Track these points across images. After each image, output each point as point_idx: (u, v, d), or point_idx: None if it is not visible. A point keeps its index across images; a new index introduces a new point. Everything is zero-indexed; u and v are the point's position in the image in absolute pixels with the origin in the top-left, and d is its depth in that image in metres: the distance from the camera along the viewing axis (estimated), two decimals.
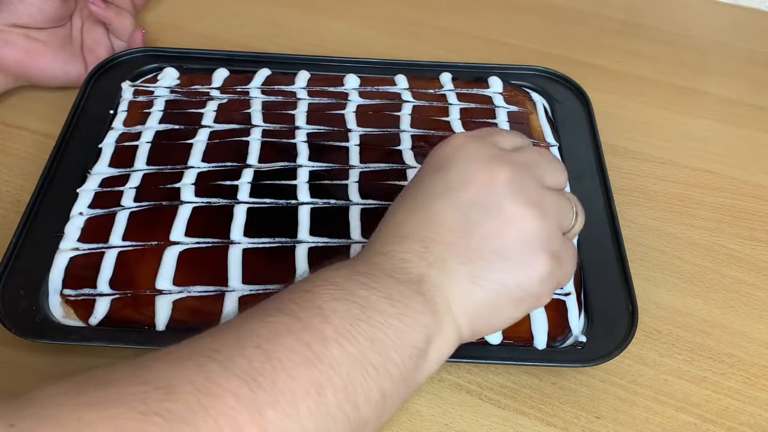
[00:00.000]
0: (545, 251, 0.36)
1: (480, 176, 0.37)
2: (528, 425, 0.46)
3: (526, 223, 0.36)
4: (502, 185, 0.36)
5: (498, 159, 0.37)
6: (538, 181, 0.38)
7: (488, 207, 0.36)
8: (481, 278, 0.35)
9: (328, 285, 0.34)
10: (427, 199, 0.37)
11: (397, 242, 0.36)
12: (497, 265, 0.35)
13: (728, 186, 0.62)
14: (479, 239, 0.36)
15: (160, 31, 0.74)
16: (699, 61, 0.76)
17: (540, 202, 0.37)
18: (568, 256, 0.38)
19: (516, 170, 0.37)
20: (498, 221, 0.36)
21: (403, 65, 0.66)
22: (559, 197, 0.39)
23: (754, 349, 0.51)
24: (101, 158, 0.55)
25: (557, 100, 0.64)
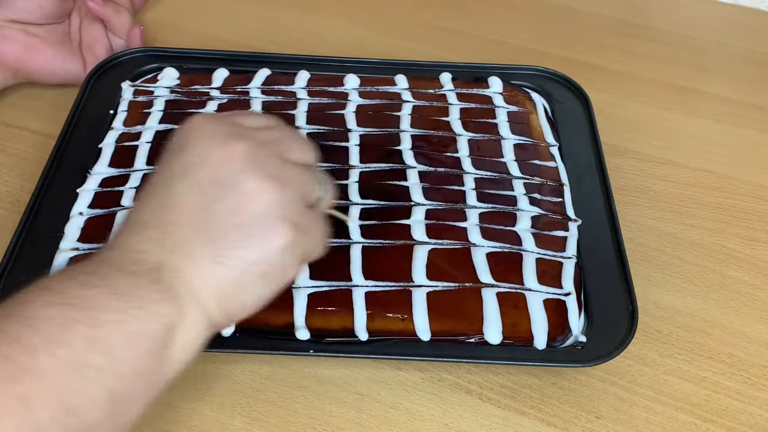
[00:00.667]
0: (285, 222, 0.36)
1: (217, 152, 0.36)
2: (528, 425, 0.46)
3: (264, 195, 0.35)
4: (240, 160, 0.36)
5: (236, 135, 0.37)
6: (279, 156, 0.37)
7: (227, 183, 0.35)
8: (224, 256, 0.35)
9: (45, 291, 0.32)
10: (165, 183, 0.36)
11: (135, 232, 0.35)
12: (239, 241, 0.35)
13: (728, 186, 0.62)
14: (219, 216, 0.35)
15: (160, 31, 0.74)
16: (699, 61, 0.76)
17: (278, 175, 0.36)
18: (313, 226, 0.38)
19: (255, 145, 0.37)
20: (236, 196, 0.35)
21: (403, 65, 0.66)
22: (301, 170, 0.38)
23: (754, 349, 0.51)
24: (101, 158, 0.55)
25: (557, 100, 0.64)
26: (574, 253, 0.51)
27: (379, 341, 0.46)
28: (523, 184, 0.55)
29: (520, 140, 0.59)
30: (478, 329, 0.46)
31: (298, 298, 0.47)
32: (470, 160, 0.57)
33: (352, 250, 0.49)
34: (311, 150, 0.40)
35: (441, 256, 0.50)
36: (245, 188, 0.35)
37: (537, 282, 0.49)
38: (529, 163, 0.57)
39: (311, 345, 0.46)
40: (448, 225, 0.52)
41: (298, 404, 0.46)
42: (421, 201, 0.53)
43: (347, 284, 0.48)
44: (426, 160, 0.56)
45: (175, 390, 0.46)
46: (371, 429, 0.45)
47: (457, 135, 0.59)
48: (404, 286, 0.48)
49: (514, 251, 0.51)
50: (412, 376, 0.48)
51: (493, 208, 0.53)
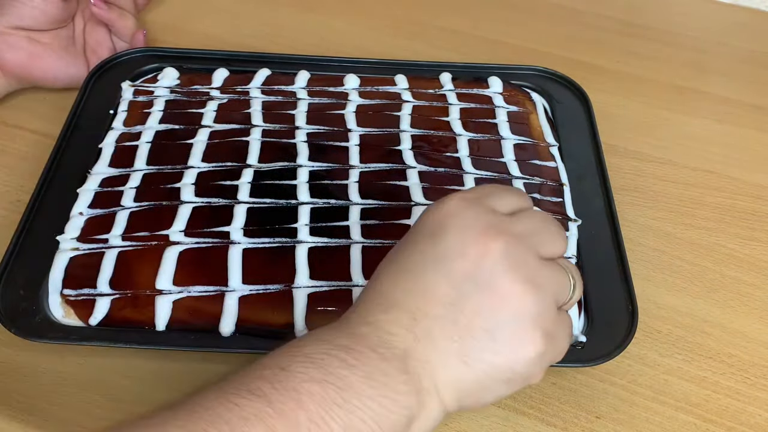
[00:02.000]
0: (538, 331, 0.34)
1: (474, 248, 0.35)
2: (528, 425, 0.46)
3: (519, 301, 0.34)
4: (497, 259, 0.34)
5: (494, 229, 0.35)
6: (535, 253, 0.36)
7: (481, 282, 0.34)
8: (470, 357, 0.34)
9: (306, 362, 0.33)
10: (417, 267, 0.36)
11: (384, 310, 0.35)
12: (487, 344, 0.34)
13: (728, 186, 0.62)
14: (470, 315, 0.34)
15: (160, 31, 0.74)
16: (699, 61, 0.76)
17: (536, 277, 0.35)
18: (562, 332, 0.36)
19: (512, 242, 0.35)
20: (490, 298, 0.34)
21: (403, 65, 0.66)
22: (556, 271, 0.37)
23: (754, 349, 0.51)
24: (101, 158, 0.55)
25: (557, 100, 0.64)
26: (574, 253, 0.51)
27: None
28: (523, 184, 0.55)
29: (520, 140, 0.59)
30: None
31: (298, 298, 0.47)
32: (470, 160, 0.57)
33: (352, 250, 0.49)
34: (563, 239, 0.38)
35: None
36: (501, 291, 0.34)
37: None
38: (529, 163, 0.57)
39: None
40: None
41: None
42: (422, 201, 0.53)
43: (347, 284, 0.48)
44: (426, 160, 0.56)
45: (176, 390, 0.46)
46: None
47: (457, 135, 0.59)
48: None
49: None
50: None
51: None
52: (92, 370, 0.47)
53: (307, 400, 0.31)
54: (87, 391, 0.45)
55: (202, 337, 0.46)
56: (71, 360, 0.47)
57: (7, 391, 0.45)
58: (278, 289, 0.47)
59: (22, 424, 0.44)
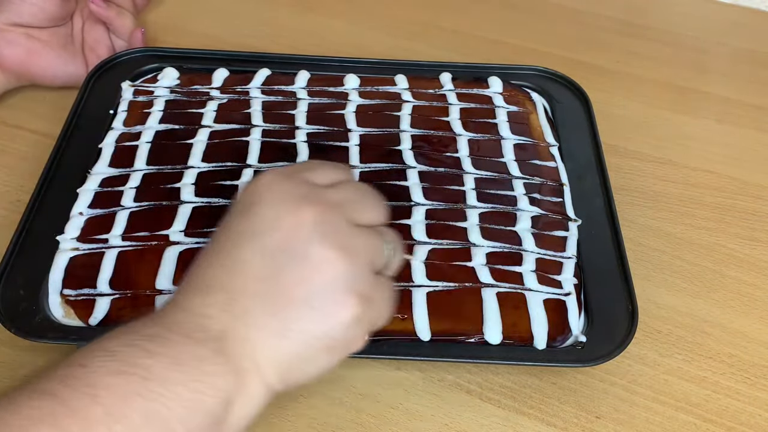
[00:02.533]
0: (352, 295, 0.34)
1: (287, 219, 0.35)
2: (528, 425, 0.46)
3: (332, 267, 0.34)
4: (309, 228, 0.34)
5: (306, 199, 0.35)
6: (348, 220, 0.36)
7: (295, 252, 0.34)
8: (289, 329, 0.34)
9: (105, 356, 0.32)
10: (233, 245, 0.35)
11: (200, 293, 0.35)
12: (305, 314, 0.34)
13: (728, 186, 0.62)
14: (287, 287, 0.34)
15: (160, 31, 0.74)
16: (699, 61, 0.76)
17: (348, 244, 0.35)
18: (380, 295, 0.36)
19: (325, 210, 0.35)
20: (305, 267, 0.34)
21: (403, 65, 0.66)
22: (371, 236, 0.37)
23: (754, 349, 0.51)
24: (101, 158, 0.55)
25: (557, 100, 0.64)
26: (574, 253, 0.51)
27: (379, 341, 0.46)
28: (523, 184, 0.55)
29: (520, 140, 0.59)
30: (478, 329, 0.46)
31: None
32: (470, 160, 0.57)
33: None
34: (380, 209, 0.39)
35: (441, 256, 0.50)
36: (314, 259, 0.34)
37: (537, 282, 0.49)
38: (529, 163, 0.57)
39: None
40: (448, 225, 0.52)
41: (298, 404, 0.46)
42: (421, 201, 0.53)
43: None
44: (426, 160, 0.56)
45: None
46: (371, 429, 0.45)
47: (457, 135, 0.59)
48: (404, 285, 0.48)
49: (514, 251, 0.51)
50: (412, 376, 0.48)
51: (493, 208, 0.53)
52: None
53: (104, 394, 0.30)
54: None
55: None
56: None
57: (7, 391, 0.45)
58: None
59: None
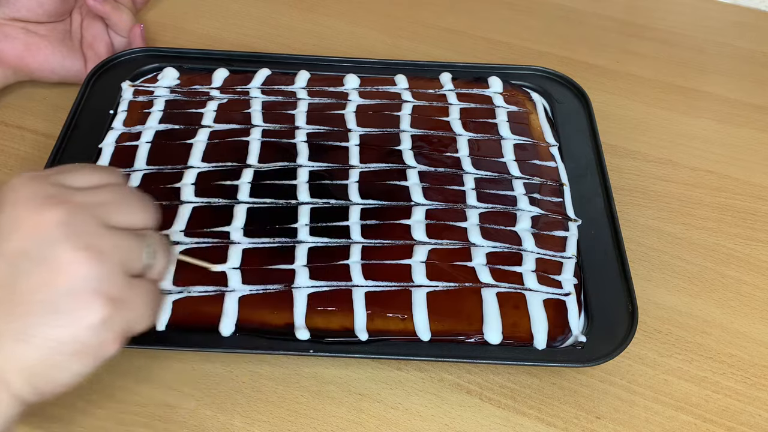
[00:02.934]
0: (100, 296, 0.33)
1: (28, 220, 0.33)
2: (528, 425, 0.46)
3: (76, 267, 0.33)
4: (53, 229, 0.33)
5: (51, 199, 0.34)
6: (99, 221, 0.34)
7: (36, 255, 0.33)
8: (30, 335, 0.32)
9: None
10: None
11: None
12: (48, 318, 0.33)
13: (728, 186, 0.62)
14: (27, 292, 0.33)
15: (160, 31, 0.74)
16: (699, 61, 0.76)
17: (96, 244, 0.34)
18: (135, 298, 0.35)
19: (71, 211, 0.34)
20: (47, 270, 0.33)
21: (403, 65, 0.66)
22: (124, 237, 0.35)
23: (754, 349, 0.51)
24: (101, 158, 0.55)
25: (557, 100, 0.64)
26: (574, 253, 0.51)
27: (379, 341, 0.46)
28: (523, 184, 0.55)
29: (520, 140, 0.59)
30: (478, 329, 0.46)
31: (298, 298, 0.47)
32: (470, 160, 0.57)
33: (352, 250, 0.49)
34: (144, 211, 0.37)
35: (441, 256, 0.50)
36: (57, 261, 0.33)
37: (537, 282, 0.49)
38: (529, 163, 0.57)
39: (311, 345, 0.46)
40: (448, 225, 0.52)
41: (298, 404, 0.46)
42: (421, 201, 0.53)
43: (347, 284, 0.48)
44: (426, 160, 0.56)
45: (175, 390, 0.46)
46: (371, 429, 0.45)
47: (457, 135, 0.59)
48: (404, 286, 0.48)
49: (514, 251, 0.51)
50: (412, 376, 0.48)
51: (493, 208, 0.53)
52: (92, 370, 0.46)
53: None
54: (87, 391, 0.45)
55: (202, 337, 0.46)
56: None
57: None
58: (278, 289, 0.47)
59: (22, 424, 0.44)
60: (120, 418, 0.45)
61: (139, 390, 0.46)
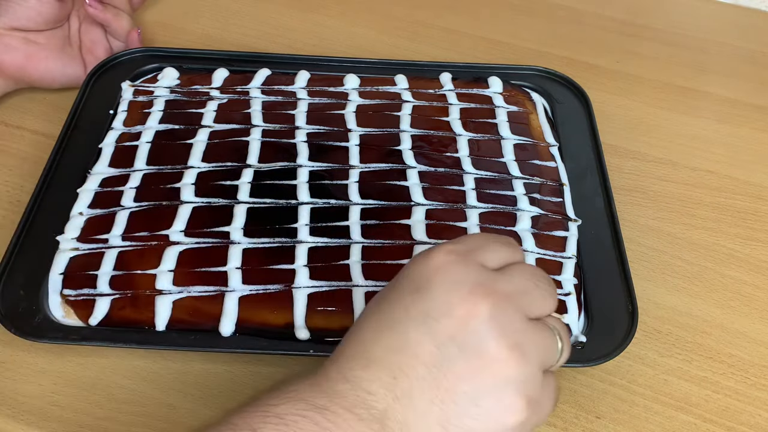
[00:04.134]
0: (522, 399, 0.33)
1: (461, 309, 0.33)
2: None
3: (505, 367, 0.33)
4: (484, 321, 0.33)
5: (482, 288, 0.34)
6: (523, 315, 0.34)
7: (466, 344, 0.33)
8: (450, 423, 0.33)
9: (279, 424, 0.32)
10: (400, 323, 0.34)
11: (364, 366, 0.34)
12: (468, 410, 0.33)
13: (728, 186, 0.62)
14: (452, 379, 0.33)
15: (160, 31, 0.74)
16: (699, 61, 0.76)
17: (523, 342, 0.34)
18: (547, 399, 0.35)
19: (500, 303, 0.34)
20: (475, 362, 0.33)
21: (403, 65, 0.66)
22: (544, 334, 0.35)
23: (754, 349, 0.51)
24: (101, 158, 0.55)
25: (557, 100, 0.64)
26: (574, 253, 0.51)
27: None
28: (523, 184, 0.55)
29: (520, 140, 0.59)
30: None
31: (298, 298, 0.47)
32: (470, 160, 0.57)
33: (352, 250, 0.49)
34: (552, 297, 0.36)
35: None
36: (486, 356, 0.33)
37: None
38: (529, 163, 0.57)
39: (311, 345, 0.46)
40: (448, 225, 0.52)
41: None
42: (421, 201, 0.53)
43: (347, 284, 0.48)
44: (426, 160, 0.56)
45: (176, 390, 0.46)
46: None
47: (457, 135, 0.59)
48: None
49: None
50: None
51: (493, 208, 0.53)
52: (92, 370, 0.47)
53: None
54: (87, 391, 0.45)
55: (202, 337, 0.46)
56: (71, 360, 0.47)
57: (7, 391, 0.45)
58: (278, 289, 0.47)
59: (22, 424, 0.44)
60: (120, 418, 0.45)
61: (140, 390, 0.46)
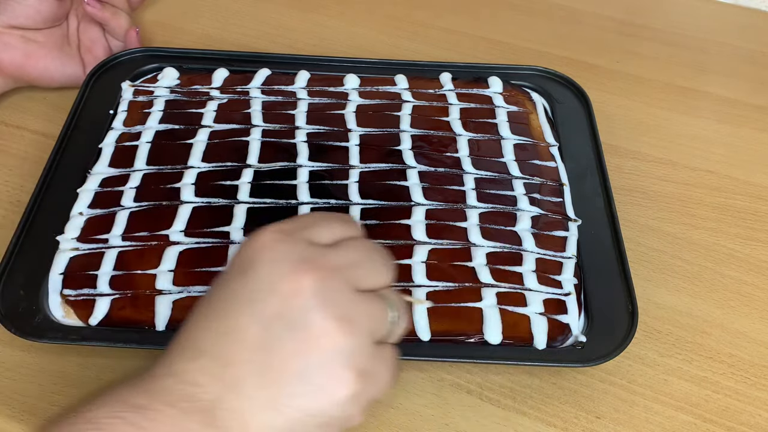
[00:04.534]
0: (351, 371, 0.33)
1: (285, 285, 0.33)
2: (528, 425, 0.46)
3: (331, 340, 0.32)
4: (308, 296, 0.33)
5: (306, 263, 0.33)
6: (351, 287, 0.34)
7: (292, 322, 0.32)
8: (282, 404, 0.32)
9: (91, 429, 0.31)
10: (227, 308, 0.34)
11: (191, 358, 0.33)
12: (299, 388, 0.32)
13: (728, 186, 0.62)
14: (282, 359, 0.32)
15: (159, 31, 0.74)
16: (699, 61, 0.76)
17: (350, 313, 0.33)
18: (381, 368, 0.35)
19: (326, 276, 0.33)
20: (302, 338, 0.32)
21: (403, 65, 0.66)
22: (375, 303, 0.35)
23: (754, 349, 0.51)
24: (101, 158, 0.55)
25: (557, 100, 0.64)
26: (574, 253, 0.51)
27: None
28: (523, 184, 0.55)
29: (520, 140, 0.59)
30: (478, 329, 0.46)
31: None
32: (470, 160, 0.57)
33: None
34: (385, 270, 0.36)
35: (441, 256, 0.50)
36: (312, 330, 0.32)
37: (537, 282, 0.49)
38: (529, 163, 0.57)
39: None
40: (448, 225, 0.52)
41: None
42: (421, 201, 0.53)
43: None
44: (426, 160, 0.56)
45: None
46: (371, 429, 0.45)
47: (457, 135, 0.59)
48: (404, 286, 0.48)
49: (514, 251, 0.51)
50: (412, 376, 0.48)
51: (493, 208, 0.53)
52: (92, 370, 0.47)
53: None
54: (87, 391, 0.45)
55: None
56: (71, 360, 0.47)
57: (7, 391, 0.45)
58: None
59: (22, 425, 0.44)
60: None
61: None
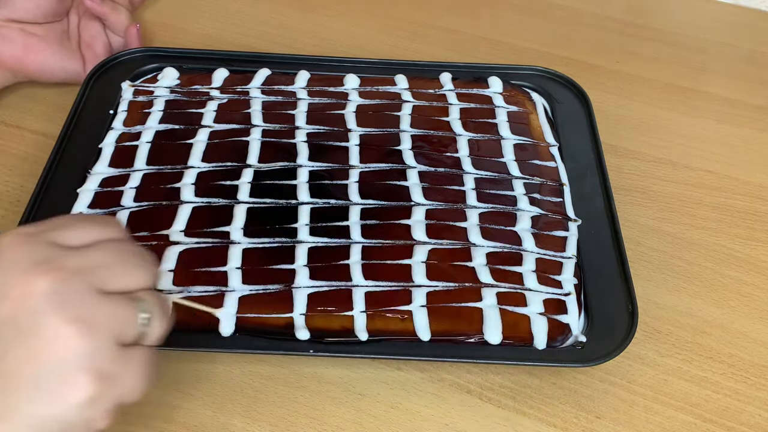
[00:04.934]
0: (86, 374, 0.31)
1: (16, 288, 0.31)
2: (528, 425, 0.46)
3: (65, 342, 0.31)
4: (41, 299, 0.31)
5: (42, 265, 0.32)
6: (92, 289, 0.32)
7: (24, 326, 0.31)
8: (11, 412, 0.30)
9: None
10: None
11: None
12: (31, 395, 0.31)
13: (728, 186, 0.62)
14: (12, 365, 0.31)
15: (160, 31, 0.74)
16: (699, 61, 0.76)
17: (87, 316, 0.31)
18: (127, 370, 0.33)
19: (63, 278, 0.32)
20: (34, 343, 0.31)
21: (403, 65, 0.66)
22: (120, 305, 0.33)
23: (754, 349, 0.51)
24: (101, 158, 0.55)
25: (557, 100, 0.64)
26: (574, 253, 0.51)
27: (379, 341, 0.46)
28: (523, 184, 0.55)
29: (520, 140, 0.59)
30: (478, 329, 0.46)
31: (298, 298, 0.47)
32: (470, 160, 0.57)
33: (352, 250, 0.49)
34: (142, 271, 0.35)
35: (441, 256, 0.50)
36: (44, 334, 0.31)
37: (537, 282, 0.49)
38: (529, 163, 0.57)
39: (311, 345, 0.46)
40: (448, 225, 0.52)
41: (298, 404, 0.46)
42: (421, 201, 0.53)
43: (347, 284, 0.48)
44: (426, 160, 0.56)
45: (176, 390, 0.46)
46: (371, 429, 0.45)
47: (457, 135, 0.59)
48: (404, 286, 0.48)
49: (514, 251, 0.51)
50: (412, 376, 0.48)
51: (493, 208, 0.53)
52: None
53: None
54: None
55: (202, 337, 0.46)
56: None
57: None
58: (278, 289, 0.47)
59: None
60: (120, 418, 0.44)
61: None
